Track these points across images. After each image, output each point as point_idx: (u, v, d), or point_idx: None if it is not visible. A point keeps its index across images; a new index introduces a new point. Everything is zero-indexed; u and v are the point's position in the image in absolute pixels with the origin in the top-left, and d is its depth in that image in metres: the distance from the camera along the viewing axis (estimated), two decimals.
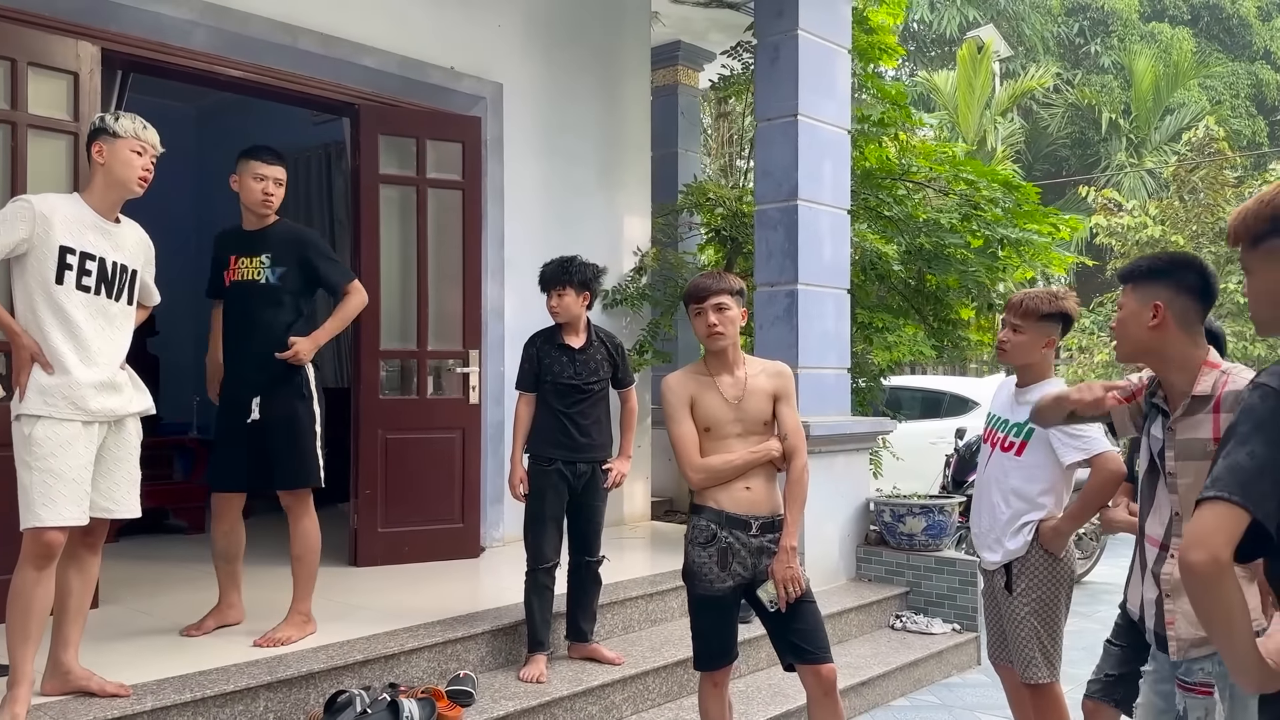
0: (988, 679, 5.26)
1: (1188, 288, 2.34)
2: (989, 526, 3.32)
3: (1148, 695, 2.56)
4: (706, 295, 3.23)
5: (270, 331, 3.92)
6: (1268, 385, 1.60)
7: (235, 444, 3.93)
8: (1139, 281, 2.40)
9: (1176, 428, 2.31)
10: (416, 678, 3.80)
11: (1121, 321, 2.43)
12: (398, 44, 5.47)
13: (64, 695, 3.15)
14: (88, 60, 4.30)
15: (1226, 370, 2.29)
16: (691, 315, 3.27)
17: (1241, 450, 1.55)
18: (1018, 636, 3.25)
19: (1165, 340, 2.34)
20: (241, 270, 3.96)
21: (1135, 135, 19.85)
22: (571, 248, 6.36)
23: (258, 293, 3.93)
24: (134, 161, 3.25)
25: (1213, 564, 1.51)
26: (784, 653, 3.29)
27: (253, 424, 3.87)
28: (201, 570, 5.18)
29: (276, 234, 4.02)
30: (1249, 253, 1.79)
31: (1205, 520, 1.54)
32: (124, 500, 3.22)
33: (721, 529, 3.20)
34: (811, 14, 5.77)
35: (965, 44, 17.20)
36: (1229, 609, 1.54)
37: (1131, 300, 2.40)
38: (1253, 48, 21.91)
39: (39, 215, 3.05)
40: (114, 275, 3.20)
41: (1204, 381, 2.29)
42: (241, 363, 3.94)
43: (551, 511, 4.00)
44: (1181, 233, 13.98)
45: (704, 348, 3.30)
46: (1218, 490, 1.54)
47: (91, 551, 3.23)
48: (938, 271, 6.95)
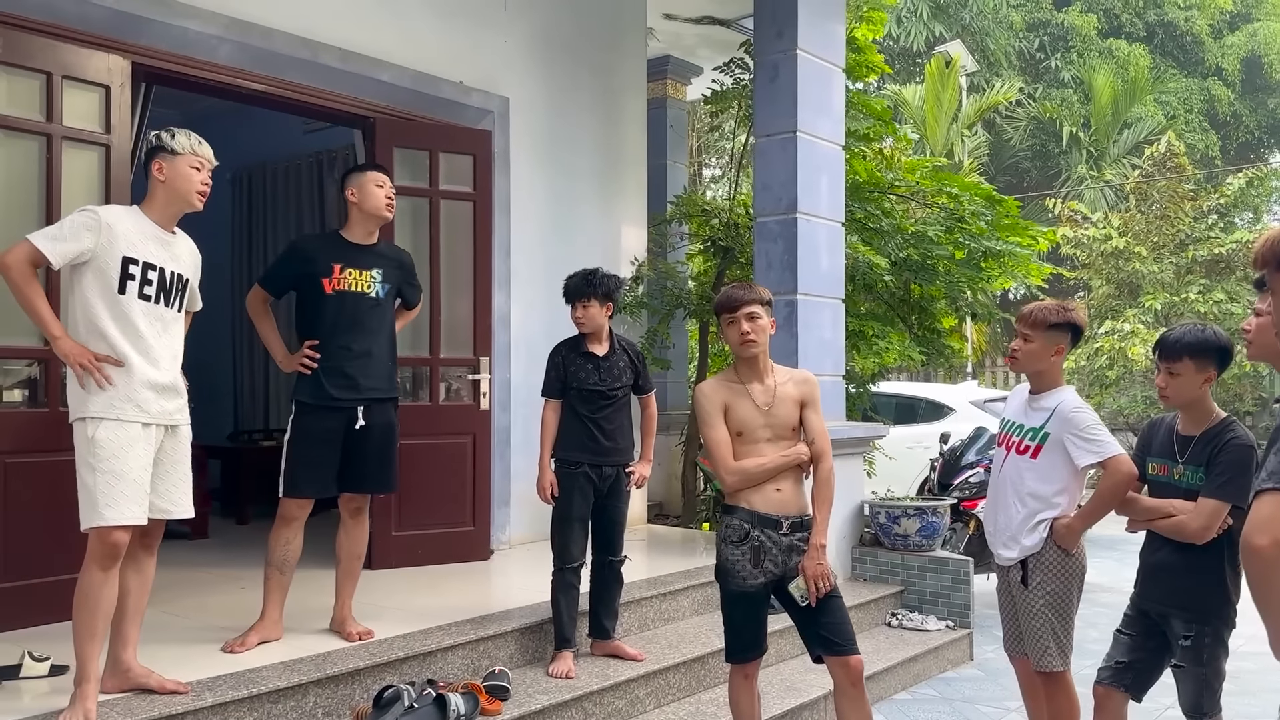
0: (982, 673, 5.49)
1: None
2: (1005, 525, 3.52)
3: None
4: (739, 305, 3.40)
5: (380, 341, 4.12)
6: None
7: (330, 449, 3.97)
8: None
9: None
10: (452, 674, 3.94)
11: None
12: (410, 59, 5.61)
13: (124, 692, 3.25)
14: (119, 74, 4.40)
15: None
16: (723, 325, 3.44)
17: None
18: (1033, 628, 3.45)
19: None
20: (349, 281, 4.05)
21: (1095, 148, 20.38)
22: (571, 257, 6.56)
23: (368, 305, 4.08)
24: (194, 176, 3.38)
25: (1275, 546, 1.72)
26: (813, 645, 3.45)
27: (359, 430, 3.99)
28: (219, 575, 5.31)
29: (385, 253, 4.23)
30: (1275, 275, 2.00)
31: (1265, 508, 1.75)
32: (180, 501, 3.31)
33: (754, 528, 3.37)
34: (809, 35, 5.99)
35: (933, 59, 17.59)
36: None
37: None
38: (1205, 64, 22.54)
39: (104, 225, 3.16)
40: (171, 284, 3.33)
41: None
42: (350, 370, 4.00)
43: (578, 513, 4.16)
44: (1144, 244, 14.41)
45: (735, 356, 3.46)
46: (1275, 482, 1.75)
47: (148, 552, 3.31)
48: (924, 282, 7.20)
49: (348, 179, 4.15)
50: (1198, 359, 3.14)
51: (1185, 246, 14.43)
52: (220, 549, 6.17)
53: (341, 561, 4.12)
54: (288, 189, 8.71)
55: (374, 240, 4.18)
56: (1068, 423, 3.38)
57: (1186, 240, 14.53)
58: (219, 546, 6.26)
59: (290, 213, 8.66)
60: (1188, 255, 14.22)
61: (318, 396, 3.99)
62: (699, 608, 5.16)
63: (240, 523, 7.16)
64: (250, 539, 6.46)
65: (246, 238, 8.98)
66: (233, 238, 9.03)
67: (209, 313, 4.29)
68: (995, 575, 3.77)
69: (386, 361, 4.16)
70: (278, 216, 8.79)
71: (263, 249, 8.80)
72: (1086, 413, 3.42)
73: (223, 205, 9.11)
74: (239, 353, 8.92)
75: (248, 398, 8.88)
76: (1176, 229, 14.59)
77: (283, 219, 8.74)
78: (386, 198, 4.11)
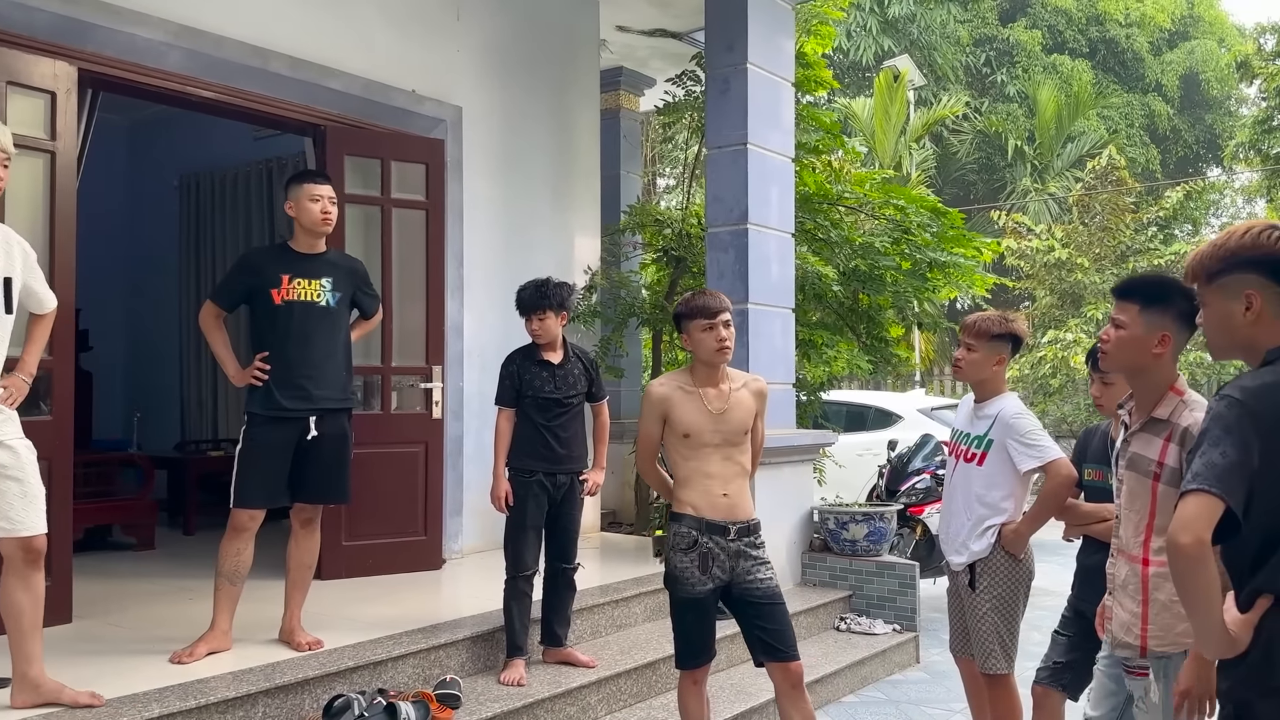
0: (928, 676, 5.59)
1: (1187, 317, 2.51)
2: (956, 531, 3.61)
3: (1100, 678, 2.86)
4: (719, 311, 3.43)
5: (330, 351, 4.09)
6: (1233, 396, 1.90)
7: (281, 460, 3.95)
8: (1148, 305, 2.52)
9: (1133, 440, 2.61)
10: (403, 683, 3.93)
11: (1124, 342, 2.55)
12: (362, 67, 5.60)
13: (38, 708, 3.17)
14: (65, 80, 4.35)
15: (1187, 401, 2.52)
16: (696, 331, 3.43)
17: (1215, 450, 1.85)
18: (979, 631, 3.54)
19: (1160, 365, 2.53)
20: (298, 290, 4.02)
21: (1039, 161, 20.84)
22: (525, 266, 6.58)
23: (317, 314, 4.05)
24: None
25: (1197, 545, 1.80)
26: (755, 650, 3.51)
27: (310, 440, 3.97)
28: (166, 585, 5.24)
29: (335, 261, 4.21)
30: (1205, 288, 2.09)
31: (1190, 508, 1.83)
32: (21, 518, 3.10)
33: (702, 535, 3.42)
34: (759, 49, 6.08)
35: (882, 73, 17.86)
36: (1209, 584, 1.83)
37: (1139, 324, 2.52)
38: (1145, 80, 23.17)
39: None
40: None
41: (1164, 406, 2.53)
42: (301, 380, 3.97)
43: (533, 521, 4.18)
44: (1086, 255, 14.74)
45: (703, 361, 3.46)
46: (1199, 483, 1.83)
47: (34, 569, 3.16)
48: (872, 292, 7.32)
49: (287, 191, 4.13)
50: None
51: (1126, 258, 14.81)
52: (166, 560, 6.09)
53: (291, 571, 4.10)
54: (236, 196, 8.63)
55: (322, 249, 4.16)
56: (1009, 429, 3.48)
57: (1127, 252, 14.90)
58: (165, 557, 6.18)
59: (239, 220, 8.58)
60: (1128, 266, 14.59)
61: (269, 407, 3.96)
62: (651, 614, 5.20)
63: (187, 533, 7.07)
64: (197, 549, 6.39)
65: (194, 245, 8.87)
66: (180, 245, 8.93)
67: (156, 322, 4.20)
68: (937, 579, 3.85)
69: (340, 371, 4.14)
70: (226, 224, 8.70)
71: (210, 257, 8.71)
72: (1027, 419, 3.52)
73: (170, 212, 9.02)
74: (185, 362, 8.81)
75: (194, 407, 8.77)
76: (1117, 241, 14.96)
77: (231, 227, 8.66)
78: (323, 212, 4.05)
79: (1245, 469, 1.86)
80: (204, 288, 8.51)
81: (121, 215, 9.19)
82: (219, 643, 3.88)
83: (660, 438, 3.51)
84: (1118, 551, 2.62)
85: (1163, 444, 2.50)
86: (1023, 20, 22.97)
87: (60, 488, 4.13)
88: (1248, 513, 1.88)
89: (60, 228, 4.31)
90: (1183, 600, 1.92)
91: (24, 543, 3.13)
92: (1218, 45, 23.91)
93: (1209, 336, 2.14)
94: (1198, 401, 2.55)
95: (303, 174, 4.18)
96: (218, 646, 3.87)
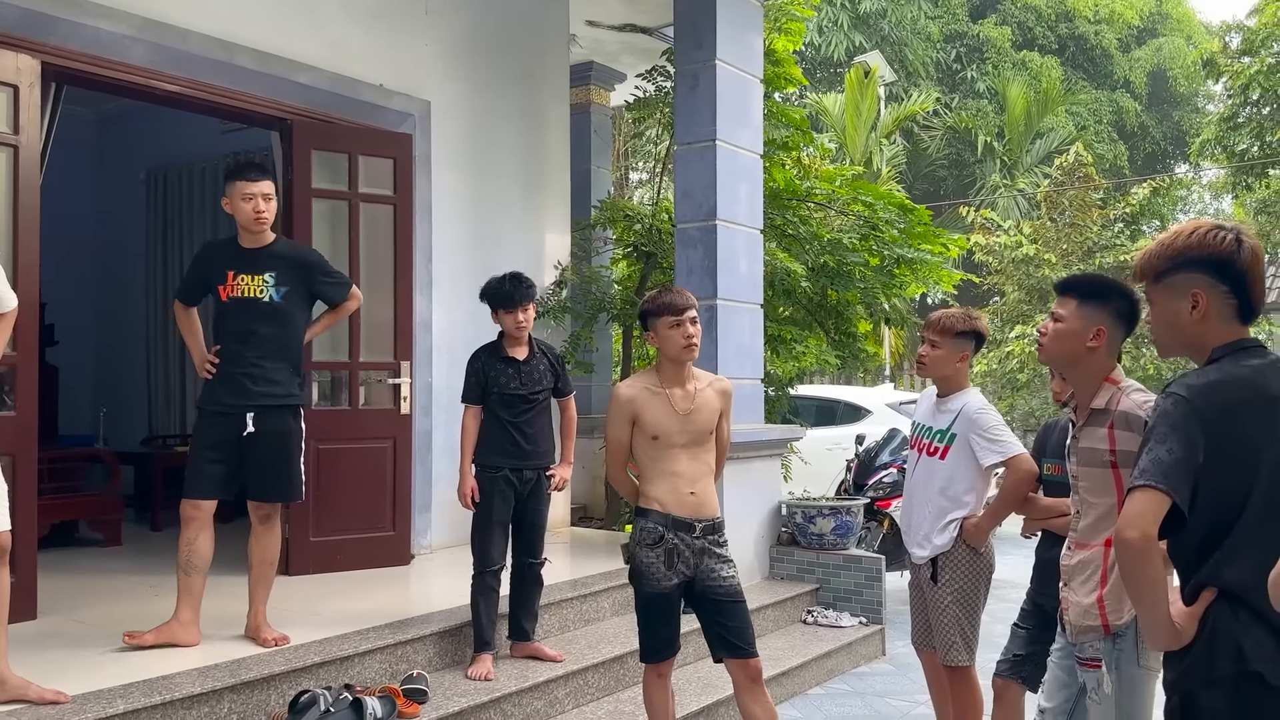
0: (893, 668, 5.66)
1: (1124, 315, 2.61)
2: (918, 525, 3.66)
3: (1053, 670, 2.92)
4: (686, 308, 3.44)
5: (272, 348, 4.03)
6: (1179, 394, 1.95)
7: (221, 454, 3.96)
8: (1085, 300, 2.61)
9: (1080, 435, 2.66)
10: (370, 678, 3.94)
11: (1061, 334, 2.63)
12: (330, 62, 5.58)
13: (4, 704, 3.17)
14: (28, 73, 4.31)
15: (1123, 388, 2.60)
16: (663, 328, 3.43)
17: (1161, 447, 1.90)
18: (941, 623, 3.59)
19: (1095, 358, 2.60)
20: (242, 287, 4.01)
21: (1008, 158, 21.01)
22: (495, 262, 6.57)
23: (260, 310, 4.01)
24: None
25: (1144, 539, 1.85)
26: (715, 647, 3.54)
27: (246, 437, 3.95)
28: (132, 581, 5.22)
29: (279, 253, 4.13)
30: (1152, 287, 2.14)
31: (1136, 504, 1.88)
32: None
33: (668, 531, 3.45)
34: (728, 46, 6.11)
35: (853, 68, 17.94)
36: (1155, 578, 1.88)
37: (1076, 318, 2.60)
38: (1114, 77, 23.41)
39: None
40: None
41: (1101, 397, 2.61)
42: (240, 376, 3.97)
43: (499, 517, 4.20)
44: (1053, 251, 14.90)
45: (669, 359, 3.47)
46: (1145, 480, 1.88)
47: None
48: (840, 288, 7.37)
49: (224, 187, 4.07)
50: None
51: (1093, 254, 14.97)
52: (133, 556, 6.06)
53: (253, 567, 4.09)
54: (204, 190, 8.56)
55: (266, 242, 4.10)
56: (972, 423, 3.54)
57: (1094, 248, 15.07)
58: (132, 553, 6.14)
59: (206, 214, 8.50)
60: (1096, 262, 14.76)
61: (210, 402, 4.02)
62: (619, 608, 5.23)
63: (154, 529, 7.03)
64: (164, 545, 6.33)
65: (161, 239, 8.79)
66: (146, 239, 8.85)
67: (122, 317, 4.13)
68: (904, 573, 3.90)
69: (284, 367, 4.08)
70: (194, 218, 8.63)
71: (178, 251, 8.63)
72: (990, 414, 3.57)
73: (135, 206, 8.94)
74: (152, 358, 8.74)
75: (162, 403, 8.71)
76: (1084, 237, 15.12)
77: (199, 221, 8.59)
78: (255, 210, 3.99)
79: (1190, 465, 1.91)
80: (171, 282, 8.45)
81: (88, 209, 9.09)
82: (176, 634, 3.88)
83: (629, 442, 3.51)
84: (1074, 544, 2.67)
85: (1108, 432, 2.57)
86: (993, 16, 23.14)
87: (25, 484, 4.12)
88: (1193, 508, 1.93)
89: (24, 222, 4.27)
90: (1130, 593, 1.97)
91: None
92: (1185, 42, 24.18)
93: (1156, 335, 2.19)
94: (1132, 385, 2.62)
95: (236, 170, 4.08)
96: (174, 638, 3.87)
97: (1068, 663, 2.82)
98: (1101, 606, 2.55)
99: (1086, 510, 2.65)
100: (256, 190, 4.01)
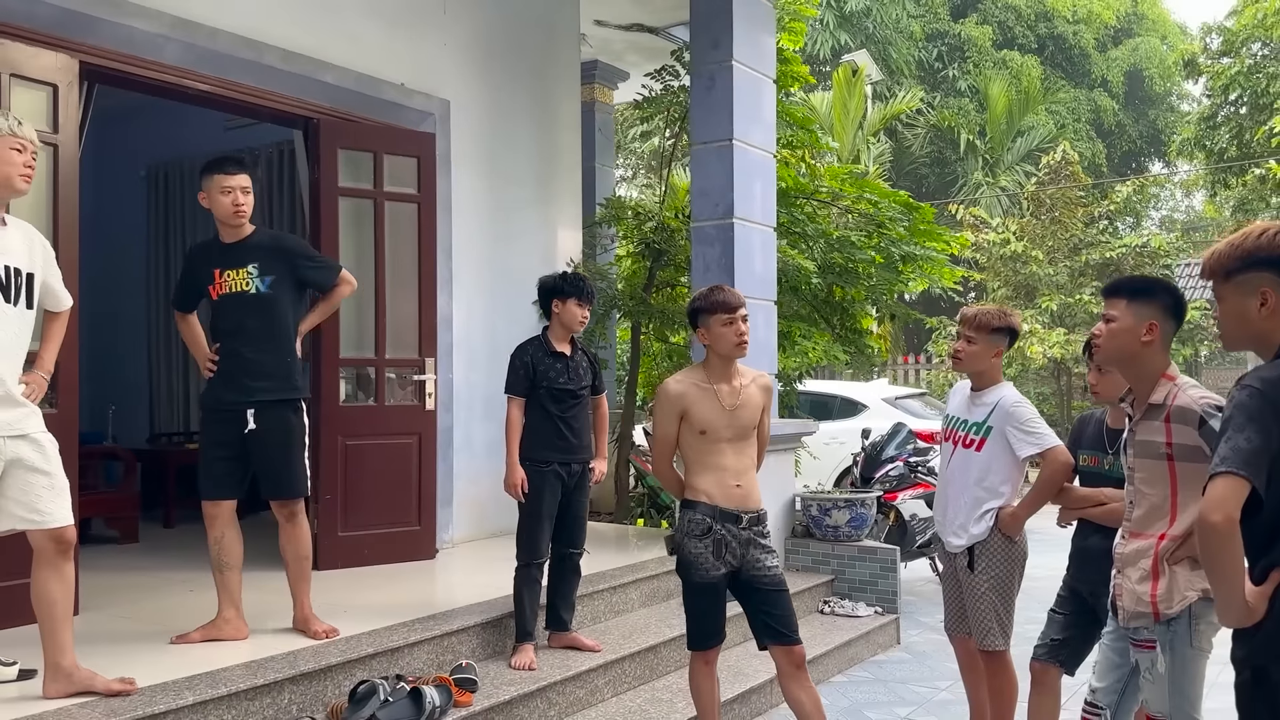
0: (910, 656, 5.79)
1: (1172, 309, 2.73)
2: (954, 515, 3.76)
3: (1105, 652, 3.04)
4: (739, 306, 3.55)
5: (265, 340, 4.00)
6: (1254, 386, 2.07)
7: (229, 451, 3.99)
8: (1135, 298, 2.74)
9: (1137, 429, 2.78)
10: (418, 669, 4.01)
11: (1115, 332, 2.76)
12: (353, 60, 5.63)
13: (70, 697, 3.21)
14: (67, 72, 4.34)
15: (1179, 384, 2.72)
16: (715, 325, 3.53)
17: (1240, 436, 2.02)
18: (978, 610, 3.71)
19: (1150, 354, 2.73)
20: (229, 283, 4.02)
21: (990, 155, 21.25)
22: (510, 260, 6.67)
23: (250, 303, 3.99)
24: (14, 159, 3.18)
25: (1228, 523, 1.96)
26: (761, 634, 3.65)
27: (249, 434, 3.96)
28: (161, 578, 5.26)
29: (259, 243, 4.08)
30: (1221, 284, 2.26)
31: (1219, 489, 1.99)
32: (50, 510, 3.14)
33: (715, 522, 3.54)
34: (743, 46, 6.21)
35: (841, 67, 18.10)
36: (1236, 559, 2.00)
37: (1128, 315, 2.73)
38: (1091, 76, 23.71)
39: None
40: (6, 280, 3.12)
41: (1159, 392, 2.72)
42: (237, 373, 3.98)
43: (549, 510, 4.28)
44: (1040, 248, 15.12)
45: (719, 355, 3.58)
46: (1227, 466, 2.00)
47: (65, 558, 3.21)
48: (847, 284, 7.49)
49: (200, 181, 4.01)
50: None
51: (1079, 250, 15.21)
52: (151, 552, 6.10)
53: (289, 564, 4.10)
54: None
55: (245, 234, 4.06)
56: (1009, 417, 3.65)
57: (1079, 245, 15.31)
58: (149, 550, 6.18)
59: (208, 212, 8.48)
60: (1081, 259, 15.00)
61: (212, 400, 4.06)
62: (646, 600, 5.33)
63: (166, 526, 7.05)
64: (179, 541, 6.41)
65: (163, 237, 8.78)
66: (148, 237, 8.84)
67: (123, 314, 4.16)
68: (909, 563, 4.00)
69: (279, 360, 4.03)
70: (195, 215, 8.60)
71: (180, 249, 8.60)
72: (1026, 407, 3.69)
73: (137, 203, 8.92)
74: (154, 355, 8.73)
75: (164, 400, 8.70)
76: (1070, 234, 15.36)
77: (202, 219, 8.51)
78: (235, 204, 3.92)
79: (1266, 452, 2.03)
80: (172, 280, 8.40)
81: (88, 205, 9.01)
82: (223, 630, 3.95)
83: (677, 437, 3.60)
84: (1128, 533, 2.79)
85: (1164, 426, 2.69)
86: (974, 16, 23.37)
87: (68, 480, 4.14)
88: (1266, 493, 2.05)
89: (64, 222, 4.32)
90: (1209, 574, 2.09)
91: (55, 534, 3.18)
92: (1160, 42, 24.53)
93: (1223, 329, 2.31)
94: (1188, 382, 2.74)
95: (213, 163, 4.02)
96: (220, 634, 3.94)
97: (1119, 645, 2.94)
98: (1154, 601, 2.67)
99: (1140, 500, 2.77)
100: (235, 184, 3.96)
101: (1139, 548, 2.75)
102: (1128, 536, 2.80)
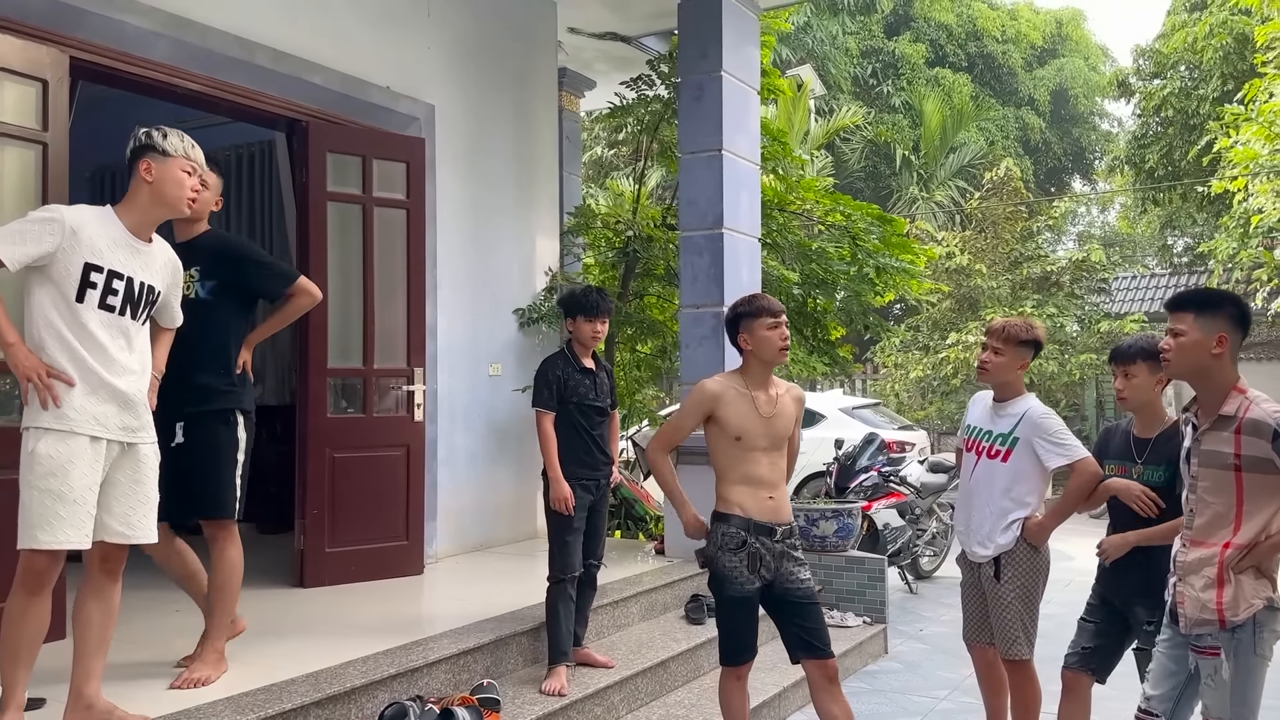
0: (901, 665, 5.81)
1: (1238, 320, 2.79)
2: (979, 524, 3.79)
3: (1160, 659, 3.06)
4: (781, 310, 3.55)
5: (199, 350, 3.67)
6: None
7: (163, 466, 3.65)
8: (1202, 311, 2.79)
9: (1204, 439, 2.82)
10: (436, 688, 3.89)
11: (1185, 346, 2.80)
12: (340, 62, 5.48)
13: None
14: (57, 67, 4.13)
15: (1251, 397, 2.77)
16: (759, 329, 3.52)
17: None
18: (1003, 619, 3.73)
19: (1221, 366, 2.78)
20: None
21: (924, 170, 21.68)
22: (490, 267, 6.57)
23: (187, 309, 3.51)
24: (185, 181, 3.18)
25: None
26: (794, 648, 3.62)
27: (175, 448, 3.61)
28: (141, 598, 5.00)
29: (205, 246, 3.77)
30: None
31: None
32: (140, 525, 3.09)
33: (750, 535, 3.51)
34: (731, 57, 6.21)
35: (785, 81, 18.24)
36: None
37: (1196, 329, 2.78)
38: (1019, 94, 24.37)
39: (68, 229, 2.94)
40: (140, 296, 3.10)
41: (1230, 404, 2.78)
42: (170, 383, 3.48)
43: (579, 524, 4.21)
44: (982, 261, 15.45)
45: (762, 360, 3.56)
46: None
47: (110, 579, 3.12)
48: (824, 295, 7.54)
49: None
50: (1151, 363, 3.47)
51: (1018, 264, 15.58)
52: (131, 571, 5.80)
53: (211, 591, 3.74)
54: None
55: (196, 233, 3.76)
56: (1037, 428, 3.69)
57: (1019, 259, 15.69)
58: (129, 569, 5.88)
59: None
60: (1021, 272, 15.35)
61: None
62: (645, 613, 5.26)
63: None
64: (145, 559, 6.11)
65: None
66: None
67: None
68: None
69: (202, 370, 3.69)
70: None
71: None
72: (1054, 419, 3.73)
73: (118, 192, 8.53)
74: None
75: None
76: (1010, 248, 15.73)
77: None
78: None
79: None
80: None
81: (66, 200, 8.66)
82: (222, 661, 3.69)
83: (688, 433, 3.57)
84: (1189, 541, 2.83)
85: (1234, 437, 2.73)
86: (907, 34, 23.83)
87: None
88: None
89: None
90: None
91: (106, 551, 3.06)
92: (1084, 63, 25.34)
93: None
94: (1260, 395, 2.79)
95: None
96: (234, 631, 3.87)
97: (1176, 653, 2.97)
98: (1220, 609, 2.71)
99: (1202, 509, 2.81)
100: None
101: (1202, 556, 2.79)
102: (1189, 545, 2.84)
